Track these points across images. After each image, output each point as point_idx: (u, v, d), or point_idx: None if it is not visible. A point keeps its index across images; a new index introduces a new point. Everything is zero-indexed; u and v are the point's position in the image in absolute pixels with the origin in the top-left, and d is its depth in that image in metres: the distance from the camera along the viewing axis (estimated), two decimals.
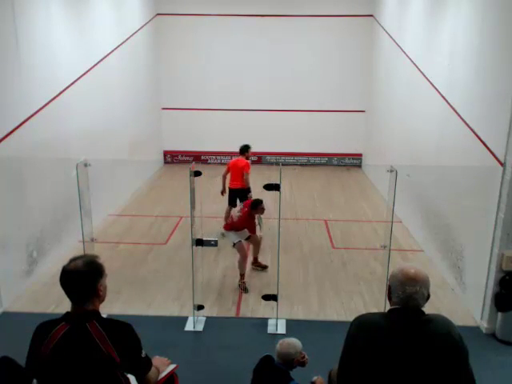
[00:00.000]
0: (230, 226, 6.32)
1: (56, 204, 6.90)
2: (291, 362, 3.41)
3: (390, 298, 2.37)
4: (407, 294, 2.26)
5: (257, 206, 6.23)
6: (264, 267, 6.77)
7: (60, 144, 7.00)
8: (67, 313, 2.36)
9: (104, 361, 2.26)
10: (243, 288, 6.14)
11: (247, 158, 7.74)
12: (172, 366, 3.03)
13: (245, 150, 7.81)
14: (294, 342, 3.46)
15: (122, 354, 2.30)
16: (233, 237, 6.27)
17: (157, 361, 2.87)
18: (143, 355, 2.44)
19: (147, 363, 2.52)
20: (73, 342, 2.27)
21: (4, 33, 5.66)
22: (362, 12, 12.28)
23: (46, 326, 2.34)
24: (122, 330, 2.37)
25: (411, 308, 2.27)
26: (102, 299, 2.42)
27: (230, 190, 7.85)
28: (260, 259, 6.88)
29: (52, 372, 2.31)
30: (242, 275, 6.23)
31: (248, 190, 7.68)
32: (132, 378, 2.55)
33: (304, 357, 3.46)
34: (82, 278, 2.29)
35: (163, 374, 2.86)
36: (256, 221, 6.60)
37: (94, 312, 2.35)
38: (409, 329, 2.24)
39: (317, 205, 10.01)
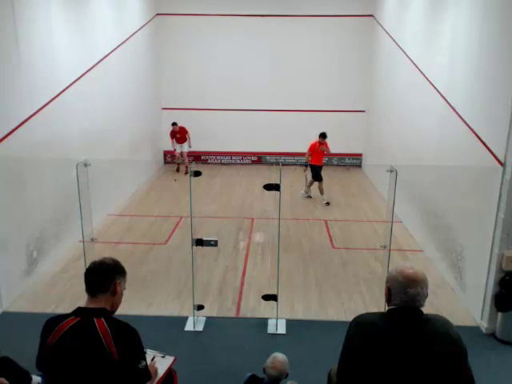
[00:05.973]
0: None
1: (56, 204, 6.90)
2: (285, 377, 3.37)
3: (389, 301, 2.35)
4: (410, 296, 2.24)
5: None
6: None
7: (60, 144, 7.00)
8: (78, 308, 2.42)
9: (104, 356, 2.28)
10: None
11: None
12: (170, 359, 3.02)
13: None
14: (284, 358, 3.40)
15: (121, 354, 2.30)
16: None
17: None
18: (142, 366, 2.38)
19: (145, 375, 2.44)
20: (78, 333, 2.32)
21: (4, 33, 5.66)
22: (362, 12, 12.27)
23: (55, 320, 2.40)
24: (127, 332, 2.38)
25: (410, 308, 2.26)
26: (116, 301, 2.47)
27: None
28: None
29: (53, 360, 2.35)
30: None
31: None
32: None
33: None
34: (104, 269, 2.46)
35: (161, 375, 2.86)
36: None
37: (104, 310, 2.40)
38: (408, 329, 2.24)
39: (317, 205, 10.00)
